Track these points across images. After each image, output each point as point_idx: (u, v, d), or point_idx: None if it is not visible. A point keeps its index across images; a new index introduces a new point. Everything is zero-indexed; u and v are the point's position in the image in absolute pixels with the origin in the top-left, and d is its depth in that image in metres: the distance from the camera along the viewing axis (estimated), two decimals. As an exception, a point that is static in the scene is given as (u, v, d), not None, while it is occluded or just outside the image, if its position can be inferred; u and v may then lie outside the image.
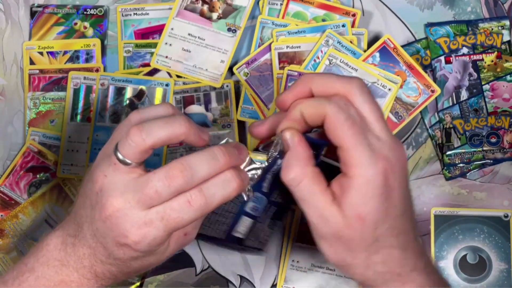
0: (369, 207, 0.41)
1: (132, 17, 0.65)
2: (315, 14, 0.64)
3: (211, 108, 0.63)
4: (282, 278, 0.61)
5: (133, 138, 0.40)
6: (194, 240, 0.62)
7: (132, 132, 0.40)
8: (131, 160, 0.41)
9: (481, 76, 0.63)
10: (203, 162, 0.41)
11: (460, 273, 0.61)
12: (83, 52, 0.65)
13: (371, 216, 0.41)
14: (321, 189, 0.42)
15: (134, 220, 0.40)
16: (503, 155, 0.61)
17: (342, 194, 0.41)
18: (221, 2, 0.64)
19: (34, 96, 0.64)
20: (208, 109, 0.63)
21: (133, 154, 0.41)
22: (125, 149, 0.41)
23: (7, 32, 0.65)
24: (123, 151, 0.41)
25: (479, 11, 0.65)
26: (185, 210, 0.40)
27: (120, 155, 0.41)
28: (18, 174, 0.63)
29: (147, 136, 0.40)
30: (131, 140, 0.40)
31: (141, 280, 0.62)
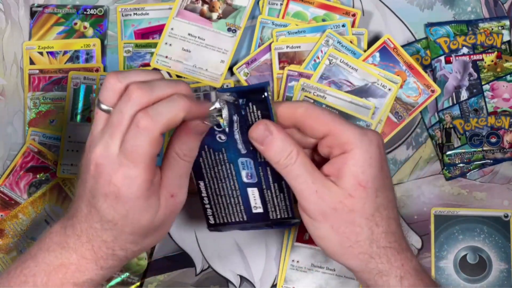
0: (368, 174, 0.42)
1: (132, 17, 0.65)
2: (315, 14, 0.64)
3: (211, 108, 0.63)
4: (282, 278, 0.61)
5: (109, 80, 0.41)
6: (194, 241, 0.62)
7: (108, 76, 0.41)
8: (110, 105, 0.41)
9: (481, 76, 0.63)
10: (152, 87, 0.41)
11: (460, 273, 0.61)
12: (83, 52, 0.65)
13: (371, 184, 0.42)
14: (314, 165, 0.43)
15: (113, 162, 0.40)
16: (503, 155, 0.61)
17: (339, 171, 0.42)
18: (221, 2, 0.64)
19: (34, 96, 0.64)
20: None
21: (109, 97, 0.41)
22: (103, 94, 0.41)
23: (7, 32, 0.65)
24: (102, 97, 0.41)
25: (479, 11, 0.65)
26: (136, 136, 0.39)
27: (101, 104, 0.41)
28: (18, 174, 0.63)
29: (123, 78, 0.41)
30: (107, 82, 0.41)
31: (141, 280, 0.62)
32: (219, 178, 0.48)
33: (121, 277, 0.61)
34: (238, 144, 0.46)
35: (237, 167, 0.47)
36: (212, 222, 0.51)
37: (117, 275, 0.61)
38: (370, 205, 0.42)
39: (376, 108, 0.60)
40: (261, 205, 0.48)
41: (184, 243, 0.62)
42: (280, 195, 0.48)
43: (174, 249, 0.62)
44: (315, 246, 0.60)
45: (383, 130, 0.61)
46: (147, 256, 0.62)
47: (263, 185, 0.48)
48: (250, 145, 0.45)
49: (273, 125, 0.43)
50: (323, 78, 0.61)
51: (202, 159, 0.48)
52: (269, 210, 0.49)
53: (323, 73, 0.61)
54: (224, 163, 0.47)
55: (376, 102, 0.60)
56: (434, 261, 0.61)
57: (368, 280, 0.45)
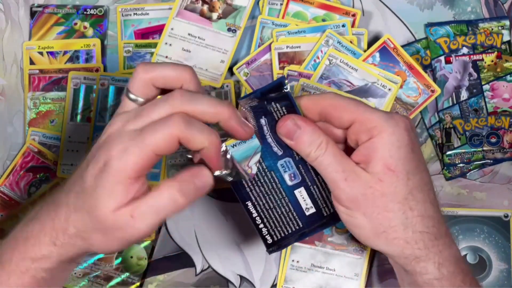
0: (397, 157, 0.41)
1: (132, 17, 0.65)
2: (315, 14, 0.64)
3: (211, 108, 0.63)
4: (282, 278, 0.61)
5: (137, 71, 0.41)
6: (194, 241, 0.62)
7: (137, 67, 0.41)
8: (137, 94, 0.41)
9: (481, 76, 0.63)
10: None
11: (460, 273, 0.61)
12: (83, 52, 0.65)
13: (401, 167, 0.41)
14: (344, 153, 0.43)
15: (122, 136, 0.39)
16: (503, 155, 0.61)
17: (367, 157, 0.42)
18: (221, 2, 0.64)
19: (34, 96, 0.64)
20: (208, 109, 0.63)
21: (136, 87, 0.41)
22: (131, 84, 0.41)
23: (7, 32, 0.65)
24: (130, 87, 0.41)
25: (479, 11, 0.65)
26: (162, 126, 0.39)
27: (129, 93, 0.41)
28: (18, 174, 0.63)
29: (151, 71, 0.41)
30: (136, 73, 0.41)
31: (141, 280, 0.62)
32: (264, 191, 0.47)
33: (121, 277, 0.61)
34: (273, 147, 0.46)
35: (278, 172, 0.47)
36: (270, 241, 0.48)
37: (117, 275, 0.61)
38: (402, 189, 0.41)
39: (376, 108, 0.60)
40: (312, 204, 0.47)
41: (184, 243, 0.62)
42: (326, 187, 0.47)
43: (174, 249, 0.62)
44: (315, 246, 0.60)
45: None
46: (147, 256, 0.62)
47: (307, 182, 0.47)
48: (285, 143, 0.45)
49: (299, 119, 0.43)
50: (323, 78, 0.61)
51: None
52: (321, 207, 0.48)
53: (323, 73, 0.61)
54: (265, 173, 0.47)
55: (376, 102, 0.60)
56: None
57: (405, 266, 0.43)
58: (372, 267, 0.61)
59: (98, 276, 0.62)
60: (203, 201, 0.63)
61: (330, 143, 0.43)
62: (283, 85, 0.43)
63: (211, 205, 0.63)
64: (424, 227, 0.42)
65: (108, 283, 0.61)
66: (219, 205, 0.63)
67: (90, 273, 0.62)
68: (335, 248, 0.60)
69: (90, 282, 0.61)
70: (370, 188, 0.41)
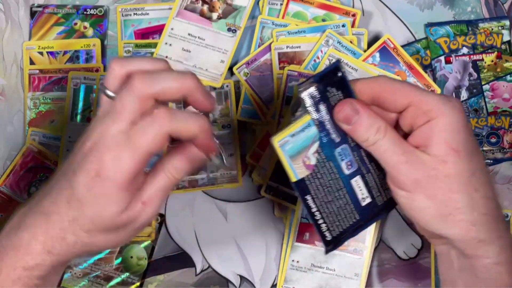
0: (459, 139, 0.40)
1: (132, 17, 0.65)
2: (315, 14, 0.64)
3: (211, 108, 0.63)
4: (282, 278, 0.61)
5: (112, 66, 0.41)
6: (194, 241, 0.62)
7: (111, 62, 0.41)
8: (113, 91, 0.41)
9: (481, 76, 0.63)
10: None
11: (460, 273, 0.61)
12: (83, 52, 0.65)
13: (463, 147, 0.40)
14: (402, 138, 0.42)
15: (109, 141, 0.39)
16: (503, 155, 0.61)
17: (426, 140, 0.41)
18: (221, 2, 0.64)
19: (34, 96, 0.64)
20: (208, 109, 0.63)
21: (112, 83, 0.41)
22: (106, 80, 0.41)
23: (7, 32, 0.65)
24: (106, 83, 0.41)
25: (479, 11, 0.65)
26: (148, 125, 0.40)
27: (106, 90, 0.41)
28: (18, 174, 0.63)
29: (126, 65, 0.41)
30: (111, 68, 0.41)
31: (141, 280, 0.62)
32: (323, 183, 0.45)
33: (121, 277, 0.61)
34: (331, 133, 0.44)
35: (336, 161, 0.45)
36: (329, 238, 0.47)
37: (117, 275, 0.61)
38: (466, 170, 0.41)
39: (376, 108, 0.60)
40: (368, 194, 0.46)
41: (184, 243, 0.63)
42: (380, 174, 0.46)
43: (174, 249, 0.62)
44: (315, 246, 0.60)
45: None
46: (147, 256, 0.62)
47: (362, 170, 0.46)
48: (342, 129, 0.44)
49: (358, 103, 0.42)
50: (323, 78, 0.61)
51: None
52: (375, 196, 0.46)
53: (323, 73, 0.61)
54: (324, 164, 0.45)
55: (376, 102, 0.60)
56: (434, 261, 0.61)
57: (466, 249, 0.42)
58: (372, 267, 0.61)
59: (98, 276, 0.62)
60: (203, 201, 0.63)
61: (389, 127, 0.42)
62: (339, 69, 0.43)
63: (211, 205, 0.63)
64: (488, 209, 0.41)
65: (108, 283, 0.61)
66: (219, 205, 0.63)
67: (90, 273, 0.62)
68: (335, 248, 0.60)
69: (90, 282, 0.61)
70: (434, 170, 0.40)
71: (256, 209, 0.62)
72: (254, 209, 0.62)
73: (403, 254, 0.62)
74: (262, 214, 0.62)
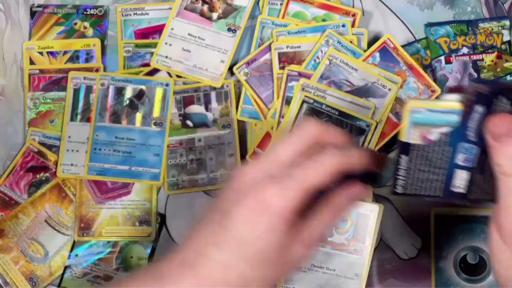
0: None
1: (132, 17, 0.65)
2: (315, 14, 0.64)
3: (211, 108, 0.63)
4: (282, 278, 0.61)
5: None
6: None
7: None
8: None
9: (481, 76, 0.63)
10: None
11: (460, 273, 0.61)
12: (83, 52, 0.65)
13: None
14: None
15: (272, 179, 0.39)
16: (503, 155, 0.61)
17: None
18: (221, 2, 0.64)
19: (34, 96, 0.64)
20: (208, 109, 0.63)
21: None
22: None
23: (7, 32, 0.65)
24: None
25: (479, 11, 0.65)
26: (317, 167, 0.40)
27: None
28: (18, 174, 0.63)
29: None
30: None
31: (141, 280, 0.62)
32: (428, 157, 0.45)
33: (121, 277, 0.61)
34: (468, 131, 0.44)
35: (456, 149, 0.44)
36: (400, 191, 0.47)
37: (117, 275, 0.61)
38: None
39: (377, 108, 0.60)
40: (464, 187, 0.45)
41: (184, 243, 0.62)
42: (490, 180, 0.44)
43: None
44: (315, 246, 0.60)
45: (383, 130, 0.61)
46: (147, 256, 0.62)
47: (475, 169, 0.45)
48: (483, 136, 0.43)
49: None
50: (323, 78, 0.61)
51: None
52: (472, 192, 0.46)
53: (323, 73, 0.61)
54: (443, 146, 0.45)
55: (376, 102, 0.60)
56: (434, 261, 0.61)
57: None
58: (372, 267, 0.61)
59: (98, 276, 0.61)
60: (203, 201, 0.63)
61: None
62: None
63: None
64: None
65: (108, 283, 0.61)
66: (219, 205, 0.63)
67: (90, 273, 0.62)
68: (335, 248, 0.60)
69: (90, 282, 0.61)
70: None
71: (256, 209, 0.62)
72: (254, 209, 0.62)
73: (403, 254, 0.62)
74: (262, 214, 0.62)
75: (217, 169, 0.62)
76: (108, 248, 0.62)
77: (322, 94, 0.60)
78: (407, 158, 0.46)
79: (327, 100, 0.60)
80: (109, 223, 0.62)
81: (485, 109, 0.43)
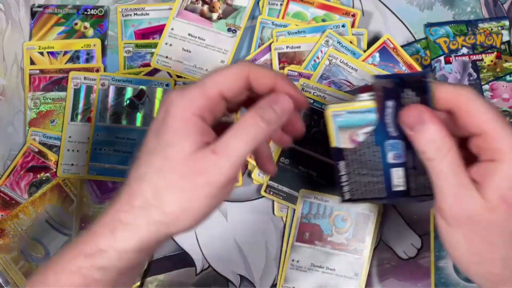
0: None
1: (132, 17, 0.65)
2: (315, 14, 0.64)
3: (211, 108, 0.63)
4: (282, 278, 0.61)
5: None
6: (194, 241, 0.62)
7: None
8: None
9: (481, 76, 0.63)
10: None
11: (460, 273, 0.61)
12: (84, 52, 0.65)
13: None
14: (463, 166, 0.38)
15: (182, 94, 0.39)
16: (503, 155, 0.61)
17: (484, 179, 0.38)
18: (221, 2, 0.64)
19: (34, 96, 0.64)
20: (208, 109, 0.63)
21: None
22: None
23: (7, 32, 0.66)
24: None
25: (478, 11, 0.65)
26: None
27: None
28: (19, 174, 0.63)
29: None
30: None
31: (141, 280, 0.62)
32: (362, 160, 0.46)
33: (121, 277, 0.61)
34: (388, 127, 0.44)
35: (384, 149, 0.45)
36: (347, 197, 0.48)
37: (117, 275, 0.62)
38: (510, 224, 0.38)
39: (376, 108, 0.60)
40: (404, 184, 0.46)
41: (184, 243, 0.63)
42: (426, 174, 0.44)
43: (174, 249, 0.63)
44: (315, 246, 0.60)
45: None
46: (147, 256, 0.62)
47: (409, 164, 0.45)
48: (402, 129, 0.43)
49: (427, 113, 0.39)
50: (323, 78, 0.61)
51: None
52: (411, 188, 0.46)
53: (323, 73, 0.61)
54: (370, 146, 0.45)
55: (376, 102, 0.60)
56: (434, 261, 0.61)
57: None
58: (372, 267, 0.61)
59: (98, 276, 0.61)
60: (203, 201, 0.63)
61: (453, 150, 0.38)
62: (426, 78, 0.42)
63: (211, 205, 0.63)
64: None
65: (108, 283, 0.61)
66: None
67: (90, 273, 0.62)
68: (335, 248, 0.60)
69: (90, 282, 0.61)
70: (479, 215, 0.38)
71: (256, 209, 0.62)
72: (254, 209, 0.62)
73: (403, 254, 0.62)
74: (262, 214, 0.62)
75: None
76: (109, 248, 0.62)
77: (322, 94, 0.60)
78: (344, 164, 0.47)
79: (327, 100, 0.60)
80: (109, 223, 0.62)
81: (395, 103, 0.43)
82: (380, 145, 0.45)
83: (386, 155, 0.45)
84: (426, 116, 0.39)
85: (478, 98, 0.39)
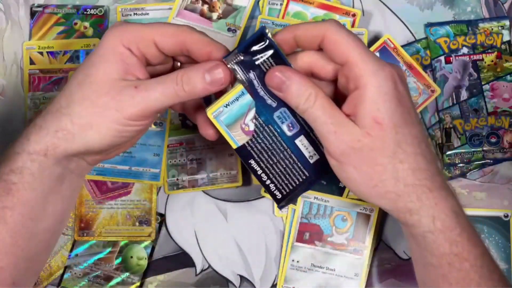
0: (384, 110, 0.40)
1: (132, 17, 0.65)
2: (315, 14, 0.64)
3: (211, 108, 0.63)
4: (282, 278, 0.61)
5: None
6: (194, 241, 0.62)
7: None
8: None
9: (481, 76, 0.63)
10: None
11: (460, 273, 0.61)
12: (83, 52, 0.65)
13: (388, 119, 0.40)
14: (334, 105, 0.42)
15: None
16: (503, 155, 0.61)
17: (355, 109, 0.41)
18: (221, 2, 0.64)
19: (34, 96, 0.64)
20: (208, 109, 0.63)
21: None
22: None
23: (7, 32, 0.65)
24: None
25: (479, 11, 0.65)
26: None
27: None
28: (18, 174, 0.63)
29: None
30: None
31: (141, 280, 0.62)
32: (265, 147, 0.46)
33: (121, 277, 0.61)
34: (266, 99, 0.44)
35: (276, 124, 0.45)
36: (280, 196, 0.48)
37: (117, 275, 0.61)
38: (390, 142, 0.40)
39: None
40: (315, 151, 0.46)
41: (184, 243, 0.63)
42: None
43: (174, 249, 0.62)
44: (315, 246, 0.60)
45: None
46: (147, 256, 0.62)
47: (306, 129, 0.46)
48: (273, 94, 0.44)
49: (287, 70, 0.42)
50: (323, 78, 0.61)
51: None
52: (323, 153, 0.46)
53: (323, 73, 0.61)
54: (263, 128, 0.46)
55: (376, 102, 0.60)
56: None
57: (399, 219, 0.43)
58: (372, 267, 0.61)
59: (98, 276, 0.62)
60: (204, 201, 0.63)
61: (320, 94, 0.41)
62: (265, 35, 0.42)
63: (211, 205, 0.63)
64: (416, 179, 0.41)
65: (108, 283, 0.61)
66: (219, 205, 0.63)
67: (90, 273, 0.62)
68: (335, 248, 0.60)
69: (90, 282, 0.61)
70: (359, 142, 0.40)
71: (256, 209, 0.62)
72: (254, 209, 0.62)
73: (403, 254, 0.62)
74: (262, 214, 0.62)
75: (217, 169, 0.62)
76: (108, 248, 0.62)
77: (322, 94, 0.60)
78: (254, 161, 0.47)
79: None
80: (109, 223, 0.62)
81: (256, 72, 0.44)
82: (272, 123, 0.45)
83: (283, 130, 0.46)
84: (288, 74, 0.42)
85: (341, 29, 0.42)
